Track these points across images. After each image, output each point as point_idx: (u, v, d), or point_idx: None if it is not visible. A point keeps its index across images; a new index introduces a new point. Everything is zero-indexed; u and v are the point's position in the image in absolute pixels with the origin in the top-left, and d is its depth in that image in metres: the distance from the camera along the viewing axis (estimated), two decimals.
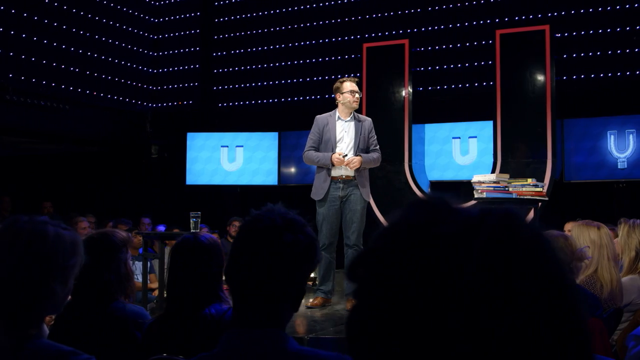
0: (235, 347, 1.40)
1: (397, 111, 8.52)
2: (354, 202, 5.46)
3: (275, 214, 1.44)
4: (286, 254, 1.40)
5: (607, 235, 3.63)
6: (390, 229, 0.71)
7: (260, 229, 1.41)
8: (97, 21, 10.13)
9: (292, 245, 1.40)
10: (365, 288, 0.69)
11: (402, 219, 0.71)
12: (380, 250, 0.69)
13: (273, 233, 1.40)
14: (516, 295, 0.63)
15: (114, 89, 10.42)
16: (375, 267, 0.68)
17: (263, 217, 1.43)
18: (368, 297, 0.68)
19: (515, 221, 0.68)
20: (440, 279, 0.64)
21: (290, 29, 10.37)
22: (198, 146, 10.04)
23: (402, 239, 0.69)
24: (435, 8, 9.29)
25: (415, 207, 0.72)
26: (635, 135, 7.88)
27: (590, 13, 8.39)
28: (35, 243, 1.55)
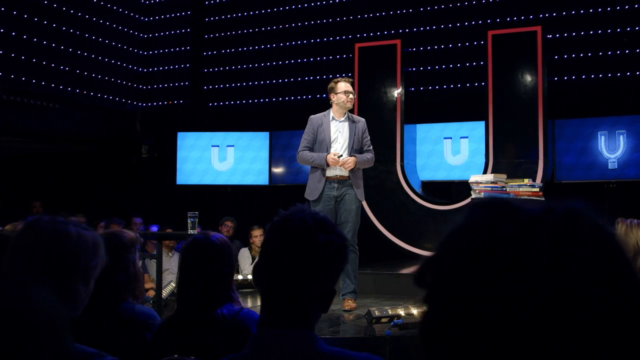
0: (265, 348, 1.39)
1: (389, 111, 8.53)
2: (348, 202, 5.49)
3: (305, 214, 1.43)
4: (318, 255, 1.40)
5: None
6: (455, 233, 0.71)
7: (292, 229, 1.40)
8: (87, 20, 10.06)
9: (324, 246, 1.39)
10: (434, 293, 0.69)
11: (466, 222, 0.71)
12: (447, 254, 0.70)
13: (305, 233, 1.39)
14: (584, 291, 0.63)
15: (104, 88, 10.35)
16: (443, 272, 0.69)
17: (294, 217, 1.42)
18: (438, 303, 0.68)
19: (579, 217, 0.68)
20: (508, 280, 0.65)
21: (282, 28, 10.35)
22: (188, 146, 10.00)
23: (467, 242, 0.69)
24: (427, 8, 9.31)
25: (477, 209, 0.72)
26: (626, 136, 7.94)
27: (582, 14, 8.45)
28: (57, 244, 1.53)
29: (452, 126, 8.90)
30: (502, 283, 0.64)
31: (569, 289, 0.62)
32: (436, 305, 0.68)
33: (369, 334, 4.06)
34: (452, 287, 0.66)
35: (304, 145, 5.67)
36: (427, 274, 0.70)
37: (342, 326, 4.70)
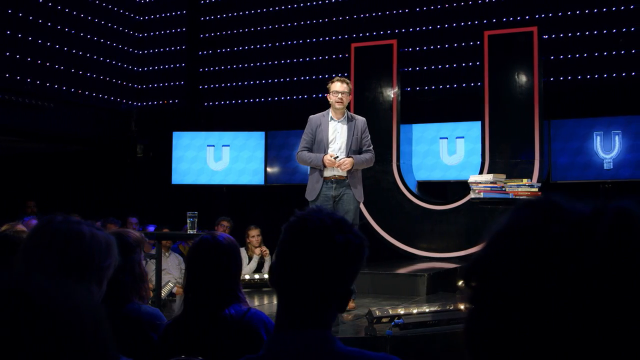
0: (283, 349, 1.39)
1: (385, 111, 8.54)
2: (346, 202, 5.51)
3: (323, 214, 1.42)
4: (338, 255, 1.39)
5: None
6: (502, 233, 0.71)
7: (311, 229, 1.39)
8: (82, 18, 10.01)
9: (344, 246, 1.39)
10: (481, 294, 0.68)
11: (513, 222, 0.71)
12: (493, 255, 0.69)
13: (324, 233, 1.39)
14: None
15: (99, 87, 10.30)
16: (490, 273, 0.68)
17: (312, 218, 1.41)
18: (485, 302, 0.68)
19: (633, 218, 0.68)
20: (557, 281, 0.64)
21: (278, 28, 10.34)
22: (184, 145, 9.97)
23: (514, 243, 0.68)
24: (424, 8, 9.32)
25: (523, 209, 0.71)
26: (621, 137, 7.98)
27: (578, 15, 8.48)
28: (72, 244, 1.51)
29: (448, 126, 8.91)
30: (551, 284, 0.64)
31: (626, 292, 0.61)
32: (484, 305, 0.67)
33: (369, 333, 4.06)
34: (501, 287, 0.66)
35: (303, 145, 5.68)
36: (473, 274, 0.69)
37: (341, 326, 4.69)
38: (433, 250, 8.23)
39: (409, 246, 8.35)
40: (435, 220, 8.29)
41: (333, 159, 5.45)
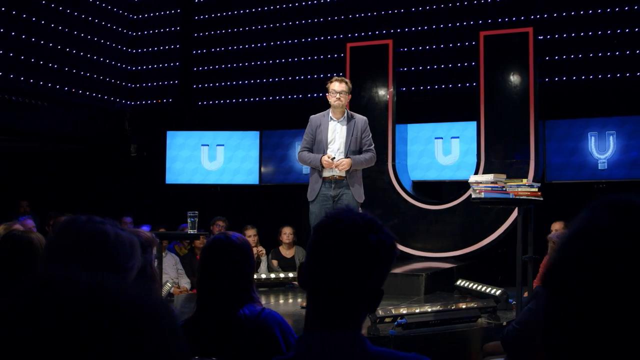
0: (313, 349, 1.38)
1: (381, 111, 8.55)
2: (345, 202, 5.49)
3: (354, 214, 1.42)
4: (370, 255, 1.39)
5: None
6: (579, 235, 0.70)
7: (343, 229, 1.39)
8: (76, 17, 9.95)
9: (376, 246, 1.39)
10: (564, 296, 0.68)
11: (589, 223, 0.71)
12: (574, 257, 0.69)
13: (357, 234, 1.38)
14: None
15: (93, 86, 10.24)
16: (572, 275, 0.68)
17: (343, 218, 1.41)
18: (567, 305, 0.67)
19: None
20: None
21: (272, 27, 10.32)
22: (178, 145, 9.93)
23: (593, 244, 0.68)
24: (419, 9, 9.34)
25: (599, 210, 0.71)
26: (615, 137, 8.02)
27: (573, 16, 8.52)
28: (96, 243, 1.50)
29: (443, 126, 8.93)
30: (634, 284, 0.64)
31: None
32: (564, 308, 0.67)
33: (372, 333, 4.06)
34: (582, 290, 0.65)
35: (304, 146, 5.69)
36: (555, 276, 0.69)
37: None
38: (428, 250, 8.25)
39: (404, 246, 8.35)
40: (430, 220, 8.30)
41: (330, 159, 5.45)
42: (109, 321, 0.61)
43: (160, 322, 0.65)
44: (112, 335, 0.61)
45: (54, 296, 0.62)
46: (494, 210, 7.72)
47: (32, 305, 0.62)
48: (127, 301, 0.64)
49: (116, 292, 0.64)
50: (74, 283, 0.64)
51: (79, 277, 0.64)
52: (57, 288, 0.63)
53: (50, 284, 0.64)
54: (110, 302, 0.63)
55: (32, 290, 0.63)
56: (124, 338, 0.61)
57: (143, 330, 0.63)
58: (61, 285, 0.63)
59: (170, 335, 0.66)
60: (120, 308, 0.63)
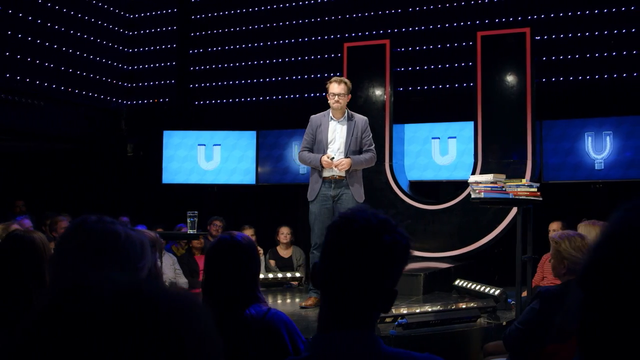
0: (327, 350, 1.38)
1: (378, 111, 8.55)
2: (345, 202, 5.53)
3: (368, 214, 1.42)
4: (384, 255, 1.39)
5: None
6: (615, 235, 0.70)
7: (357, 229, 1.38)
8: (72, 16, 9.91)
9: (391, 246, 1.38)
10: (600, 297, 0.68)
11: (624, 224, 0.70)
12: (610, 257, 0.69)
13: (371, 234, 1.38)
14: None
15: (89, 85, 10.20)
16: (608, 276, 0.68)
17: (357, 218, 1.40)
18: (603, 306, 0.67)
19: None
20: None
21: (269, 27, 10.30)
22: (174, 144, 9.91)
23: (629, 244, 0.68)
24: (417, 9, 9.34)
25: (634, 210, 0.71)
26: (612, 137, 8.04)
27: (570, 17, 8.54)
28: (107, 244, 1.48)
29: (440, 126, 8.93)
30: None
31: None
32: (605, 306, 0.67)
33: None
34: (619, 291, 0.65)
35: (304, 145, 5.71)
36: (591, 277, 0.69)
37: None
38: (425, 250, 8.25)
39: None
40: (427, 220, 8.31)
41: (329, 159, 5.47)
42: (151, 322, 0.61)
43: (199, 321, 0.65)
44: (154, 336, 0.60)
45: (94, 299, 0.61)
46: (491, 210, 7.73)
47: (72, 308, 0.61)
48: (167, 302, 0.63)
49: (156, 294, 0.64)
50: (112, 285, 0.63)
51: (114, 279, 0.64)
52: (96, 290, 0.62)
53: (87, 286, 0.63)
54: (151, 303, 0.62)
55: (70, 293, 0.63)
56: (165, 338, 0.61)
57: (184, 329, 0.63)
58: (100, 288, 0.63)
59: (209, 333, 0.66)
60: (160, 309, 0.62)
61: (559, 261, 3.20)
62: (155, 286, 0.66)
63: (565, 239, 3.21)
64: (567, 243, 3.19)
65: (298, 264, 8.00)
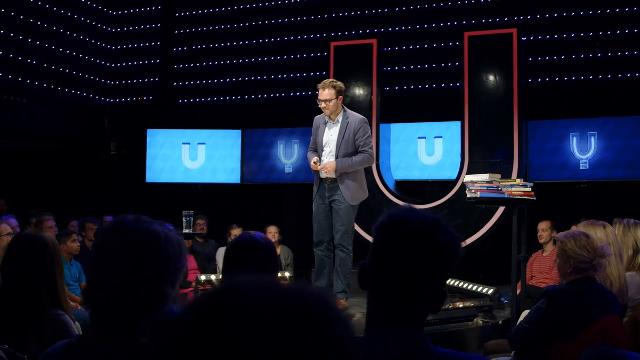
0: (379, 350, 1.36)
1: (365, 111, 8.53)
2: (337, 204, 5.60)
3: (419, 213, 1.40)
4: (439, 255, 1.37)
5: (613, 234, 3.74)
6: None
7: (410, 230, 1.37)
8: (55, 12, 9.76)
9: (446, 246, 1.37)
10: None
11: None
12: None
13: (425, 234, 1.36)
14: None
15: (72, 83, 10.05)
16: None
17: (409, 218, 1.39)
18: None
19: None
20: None
21: (255, 25, 10.25)
22: (159, 143, 9.82)
23: None
24: (404, 9, 9.35)
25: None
26: (597, 138, 8.14)
27: (556, 18, 8.62)
28: (147, 245, 1.45)
29: (426, 126, 8.97)
30: None
31: None
32: None
33: None
34: None
35: (310, 146, 5.87)
36: None
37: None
38: None
39: None
40: None
41: (314, 163, 5.57)
42: (307, 326, 0.60)
43: (343, 321, 0.65)
44: (310, 339, 0.60)
45: (249, 305, 0.61)
46: (479, 210, 7.77)
47: (226, 315, 0.60)
48: (319, 305, 0.63)
49: (308, 297, 0.63)
50: (263, 291, 0.62)
51: (262, 283, 0.63)
52: (249, 297, 0.62)
53: (238, 292, 0.62)
54: (307, 307, 0.61)
55: (223, 299, 0.62)
56: (320, 341, 0.60)
57: (334, 332, 0.64)
58: (252, 294, 0.62)
59: (351, 332, 0.66)
60: (314, 312, 0.62)
61: (565, 260, 3.22)
62: (307, 290, 0.65)
63: (571, 239, 3.24)
64: (573, 242, 3.21)
65: (286, 264, 7.97)
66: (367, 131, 5.61)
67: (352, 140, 5.56)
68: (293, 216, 9.70)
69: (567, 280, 3.23)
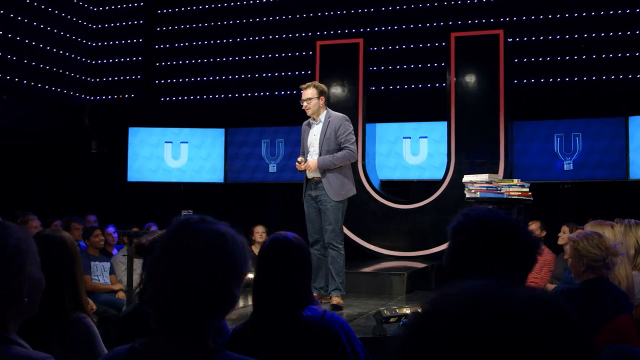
0: None
1: (350, 110, 8.52)
2: (323, 202, 5.65)
3: (498, 214, 1.38)
4: (522, 255, 1.36)
5: (620, 234, 3.77)
6: None
7: (493, 230, 1.35)
8: (34, 8, 9.55)
9: (529, 247, 1.36)
10: None
11: None
12: None
13: (509, 234, 1.34)
14: None
15: (52, 79, 9.85)
16: None
17: (490, 218, 1.36)
18: None
19: None
20: None
21: (239, 23, 10.16)
22: (140, 142, 9.68)
23: None
24: (390, 8, 9.36)
25: None
26: (581, 139, 8.24)
27: (541, 20, 8.70)
28: (215, 246, 1.41)
29: (411, 126, 8.99)
30: None
31: None
32: None
33: (379, 334, 4.04)
34: None
35: (301, 151, 5.84)
36: None
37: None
38: (398, 249, 8.29)
39: (373, 245, 8.38)
40: (400, 219, 8.34)
41: (297, 162, 5.64)
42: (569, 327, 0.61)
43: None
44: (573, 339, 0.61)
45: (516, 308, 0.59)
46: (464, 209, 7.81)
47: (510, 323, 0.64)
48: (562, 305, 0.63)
49: (553, 300, 0.63)
50: (531, 297, 0.62)
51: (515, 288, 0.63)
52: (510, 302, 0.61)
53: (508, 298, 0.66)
54: (561, 309, 0.61)
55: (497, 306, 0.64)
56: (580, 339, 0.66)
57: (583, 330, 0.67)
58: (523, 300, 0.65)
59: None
60: (566, 313, 0.62)
61: (577, 260, 3.23)
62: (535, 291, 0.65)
63: (583, 238, 3.25)
64: (586, 242, 3.23)
65: None
66: (348, 128, 5.64)
67: (334, 137, 5.60)
68: (277, 215, 9.64)
69: (581, 280, 3.25)
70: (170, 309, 1.36)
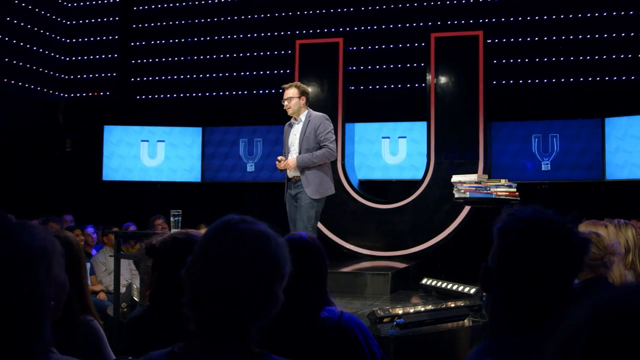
0: (512, 356, 1.31)
1: (330, 109, 8.49)
2: (300, 200, 5.79)
3: (546, 214, 1.36)
4: (572, 256, 1.34)
5: (614, 233, 3.80)
6: None
7: (544, 230, 1.33)
8: (7, 2, 9.33)
9: (579, 246, 1.34)
10: None
11: None
12: None
13: (560, 234, 1.33)
14: None
15: (25, 76, 9.63)
16: None
17: (540, 218, 1.34)
18: None
19: None
20: None
21: (217, 20, 10.06)
22: (116, 140, 9.53)
23: None
24: (369, 8, 9.36)
25: None
26: (558, 139, 8.34)
27: (520, 22, 8.79)
28: (261, 246, 1.37)
29: (390, 126, 9.01)
30: None
31: None
32: None
33: (374, 333, 4.02)
34: None
35: (283, 150, 5.85)
36: None
37: None
38: (377, 249, 8.28)
39: (352, 245, 8.36)
40: (379, 219, 8.34)
41: (277, 161, 5.73)
42: None
43: None
44: None
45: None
46: (444, 209, 7.85)
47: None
48: None
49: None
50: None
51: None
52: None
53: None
54: None
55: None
56: None
57: None
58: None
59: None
60: None
61: None
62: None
63: None
64: None
65: None
66: (328, 127, 5.70)
67: (314, 136, 5.65)
68: (255, 215, 9.47)
69: (579, 279, 3.27)
70: (213, 312, 1.32)
